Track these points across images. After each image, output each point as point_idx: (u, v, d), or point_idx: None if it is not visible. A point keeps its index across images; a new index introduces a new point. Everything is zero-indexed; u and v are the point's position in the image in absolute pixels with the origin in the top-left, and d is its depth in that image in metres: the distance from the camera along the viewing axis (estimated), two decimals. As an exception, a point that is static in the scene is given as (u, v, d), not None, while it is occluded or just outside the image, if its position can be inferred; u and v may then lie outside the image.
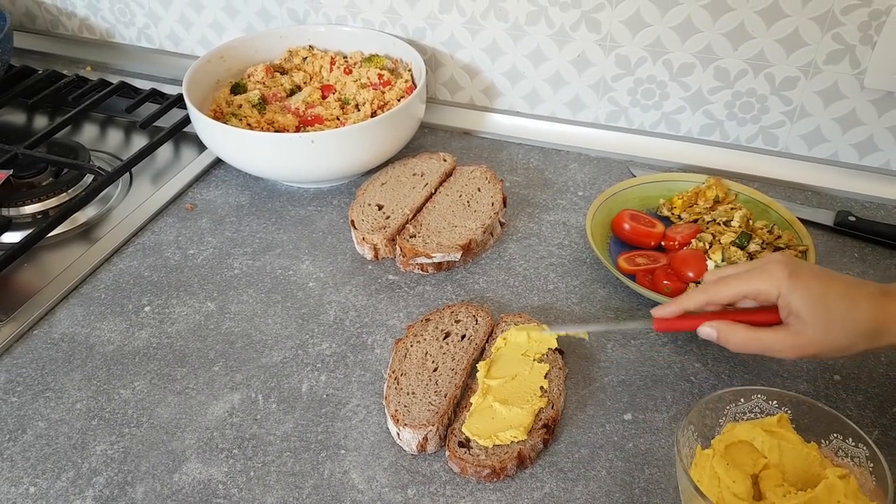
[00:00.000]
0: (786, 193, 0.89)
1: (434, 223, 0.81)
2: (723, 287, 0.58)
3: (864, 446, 0.50)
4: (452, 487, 0.60)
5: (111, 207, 0.90)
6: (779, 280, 0.55)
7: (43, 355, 0.71)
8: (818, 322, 0.54)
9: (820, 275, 0.56)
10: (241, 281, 0.79)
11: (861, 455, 0.50)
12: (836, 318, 0.54)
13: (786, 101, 0.89)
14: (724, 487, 0.49)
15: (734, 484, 0.49)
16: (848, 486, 0.48)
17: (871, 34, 0.82)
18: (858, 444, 0.50)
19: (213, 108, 0.93)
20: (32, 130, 1.05)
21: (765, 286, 0.56)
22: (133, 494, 0.60)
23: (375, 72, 0.95)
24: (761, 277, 0.56)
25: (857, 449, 0.50)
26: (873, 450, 0.49)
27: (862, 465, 0.50)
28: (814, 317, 0.54)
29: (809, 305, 0.54)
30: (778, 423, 0.53)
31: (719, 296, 0.58)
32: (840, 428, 0.52)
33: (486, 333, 0.70)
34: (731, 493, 0.49)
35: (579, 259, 0.81)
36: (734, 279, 0.58)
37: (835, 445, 0.52)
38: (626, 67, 0.93)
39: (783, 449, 0.52)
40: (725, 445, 0.52)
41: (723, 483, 0.50)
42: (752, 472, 0.51)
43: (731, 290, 0.58)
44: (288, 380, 0.68)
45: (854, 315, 0.54)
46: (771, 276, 0.56)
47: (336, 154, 0.84)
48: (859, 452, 0.50)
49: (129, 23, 1.16)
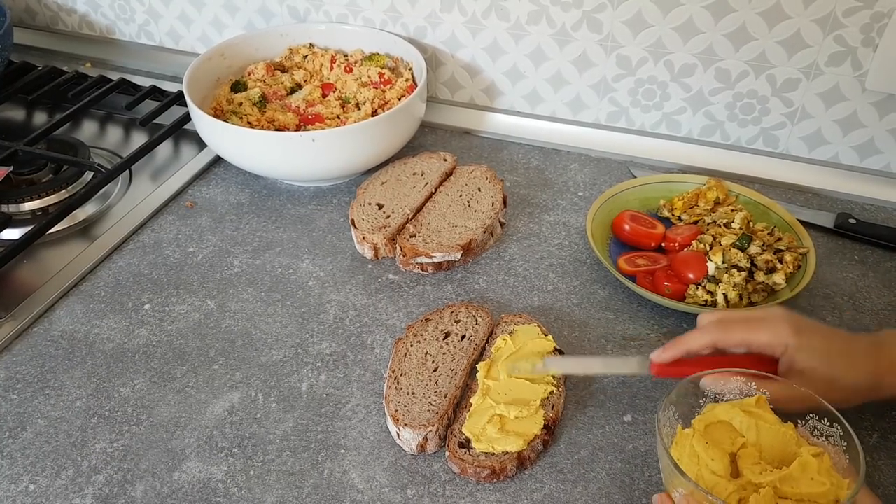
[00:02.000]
0: (786, 195, 0.89)
1: (434, 223, 0.81)
2: (727, 333, 0.58)
3: (837, 426, 0.51)
4: (452, 488, 0.60)
5: (111, 205, 0.90)
6: (785, 337, 0.57)
7: (42, 353, 0.71)
8: (821, 380, 0.56)
9: (822, 332, 0.58)
10: (241, 279, 0.79)
11: (835, 434, 0.52)
12: (837, 376, 0.56)
13: (787, 103, 0.89)
14: (702, 465, 0.51)
15: (713, 462, 0.50)
16: (821, 464, 0.50)
17: (872, 36, 0.82)
18: (833, 423, 0.52)
19: (214, 105, 0.93)
20: (32, 127, 1.04)
21: (772, 341, 0.57)
22: (133, 493, 0.60)
23: (376, 70, 0.95)
24: (768, 332, 0.57)
25: (831, 428, 0.52)
26: (847, 429, 0.51)
27: (836, 445, 0.51)
28: (817, 375, 0.56)
29: (814, 364, 0.56)
30: (756, 404, 0.55)
31: (724, 341, 0.59)
32: (815, 408, 0.53)
33: (486, 334, 0.70)
34: (709, 471, 0.50)
35: (579, 260, 0.81)
36: (739, 327, 0.58)
37: (811, 425, 0.53)
38: (628, 68, 0.93)
39: (760, 428, 0.53)
40: (705, 425, 0.54)
41: (702, 461, 0.51)
42: (730, 450, 0.52)
43: (735, 337, 0.58)
44: (288, 379, 0.68)
45: (854, 372, 0.57)
46: (777, 332, 0.57)
47: (336, 153, 0.84)
48: (833, 432, 0.52)
49: (130, 19, 1.15)
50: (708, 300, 0.72)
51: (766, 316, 0.59)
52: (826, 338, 0.58)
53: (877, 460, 0.61)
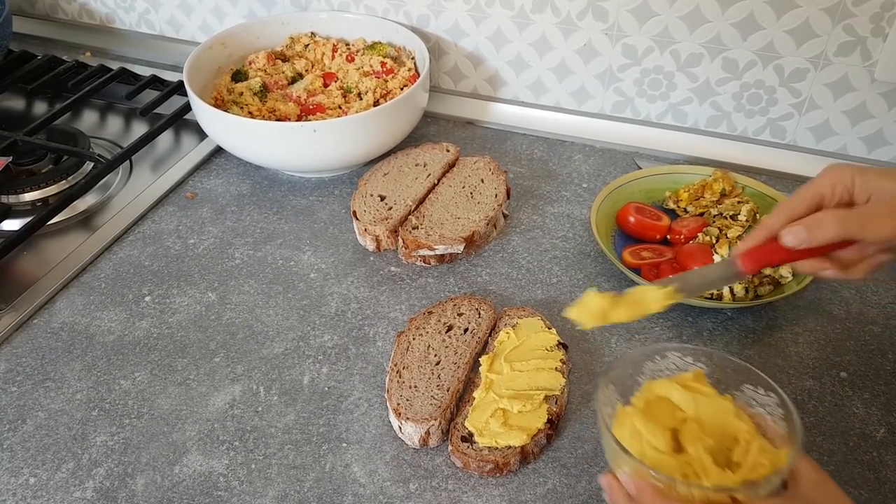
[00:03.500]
0: (793, 187, 0.88)
1: (437, 215, 0.80)
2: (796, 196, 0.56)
3: (773, 394, 0.52)
4: (455, 482, 0.59)
5: (111, 195, 0.89)
6: (848, 172, 0.54)
7: (43, 345, 0.71)
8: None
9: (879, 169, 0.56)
10: (243, 271, 0.78)
11: (771, 403, 0.52)
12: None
13: (794, 93, 0.88)
14: (644, 443, 0.50)
15: (654, 438, 0.50)
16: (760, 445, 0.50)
17: (882, 26, 0.81)
18: (769, 392, 0.52)
19: (214, 95, 0.92)
20: (32, 117, 1.04)
21: (833, 180, 0.55)
22: (133, 486, 0.59)
23: (378, 59, 0.94)
24: (828, 175, 0.55)
25: (766, 397, 0.52)
26: (782, 397, 0.51)
27: (773, 413, 0.52)
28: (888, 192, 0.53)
29: (886, 178, 0.54)
30: (694, 378, 0.54)
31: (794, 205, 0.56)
32: (751, 378, 0.53)
33: (488, 327, 0.69)
34: (651, 448, 0.50)
35: (583, 252, 0.80)
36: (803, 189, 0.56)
37: (747, 396, 0.53)
38: (633, 57, 0.92)
39: (699, 402, 0.53)
40: (645, 402, 0.53)
41: (644, 438, 0.50)
42: (671, 426, 0.52)
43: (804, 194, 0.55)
44: (289, 372, 0.68)
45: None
46: (838, 172, 0.55)
47: (338, 143, 0.83)
48: (769, 400, 0.52)
49: (130, 8, 1.14)
50: (714, 293, 0.71)
51: (822, 171, 0.56)
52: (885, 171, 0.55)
53: (884, 455, 0.61)
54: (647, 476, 0.47)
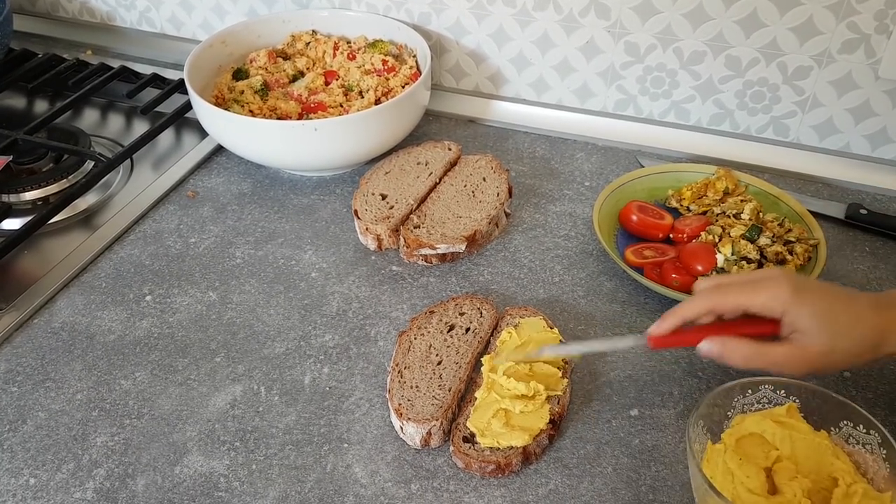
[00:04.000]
0: (796, 185, 0.88)
1: (438, 213, 0.80)
2: (724, 297, 0.56)
3: (875, 432, 0.49)
4: (456, 483, 0.59)
5: (112, 194, 0.89)
6: (784, 297, 0.54)
7: (43, 344, 0.70)
8: (824, 337, 0.54)
9: (822, 290, 0.56)
10: (244, 270, 0.78)
11: (873, 441, 0.49)
12: (841, 333, 0.54)
13: (798, 91, 0.88)
14: (738, 483, 0.48)
15: (748, 479, 0.48)
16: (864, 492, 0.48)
17: (887, 23, 0.80)
18: (870, 430, 0.49)
19: (215, 93, 0.92)
20: (32, 115, 1.03)
21: (770, 302, 0.54)
22: (134, 487, 0.59)
23: (379, 57, 0.94)
24: (766, 293, 0.55)
25: (868, 436, 0.50)
26: (885, 435, 0.48)
27: (874, 452, 0.49)
28: (820, 333, 0.54)
29: (816, 322, 0.54)
30: (787, 413, 0.53)
31: (721, 305, 0.56)
32: (850, 415, 0.51)
33: (490, 326, 0.69)
34: (745, 489, 0.48)
35: (586, 251, 0.80)
36: (735, 290, 0.56)
37: (845, 433, 0.51)
38: (636, 55, 0.91)
39: (794, 439, 0.51)
40: (736, 439, 0.51)
41: (736, 478, 0.49)
42: (764, 465, 0.50)
43: (733, 300, 0.56)
44: (290, 372, 0.68)
45: (858, 329, 0.54)
46: (775, 293, 0.54)
47: (339, 142, 0.83)
48: (871, 439, 0.49)
49: (130, 6, 1.14)
50: (716, 293, 0.70)
51: (763, 277, 0.56)
52: (826, 296, 0.55)
53: (888, 456, 0.61)
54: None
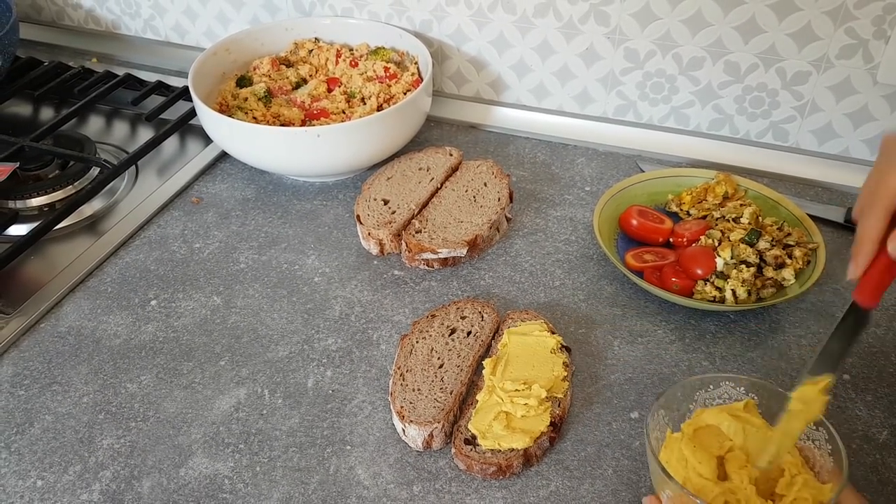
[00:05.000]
0: (796, 190, 0.89)
1: (440, 218, 0.81)
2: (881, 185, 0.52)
3: (823, 429, 0.53)
4: (458, 485, 0.60)
5: (117, 200, 0.90)
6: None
7: (50, 349, 0.71)
8: None
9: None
10: (247, 275, 0.79)
11: (821, 438, 0.53)
12: None
13: (797, 96, 0.88)
14: (690, 468, 0.51)
15: (700, 465, 0.51)
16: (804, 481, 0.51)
17: (884, 28, 0.81)
18: (818, 427, 0.53)
19: (219, 100, 0.93)
20: (38, 122, 1.05)
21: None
22: (139, 489, 0.60)
23: (381, 65, 0.95)
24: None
25: (816, 432, 0.53)
26: (831, 432, 0.52)
27: (821, 448, 0.53)
28: None
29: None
30: (745, 408, 0.55)
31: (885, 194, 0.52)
32: None
33: (491, 330, 0.70)
34: (696, 474, 0.51)
35: (586, 255, 0.80)
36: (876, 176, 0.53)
37: None
38: (635, 61, 0.92)
39: (748, 432, 0.54)
40: (694, 429, 0.54)
41: (689, 464, 0.52)
42: (717, 453, 0.53)
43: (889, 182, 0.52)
44: (294, 375, 0.68)
45: None
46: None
47: (342, 148, 0.84)
48: (819, 435, 0.53)
49: (135, 14, 1.15)
50: (716, 296, 0.71)
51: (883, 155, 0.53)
52: None
53: (887, 458, 0.61)
54: (689, 501, 0.48)
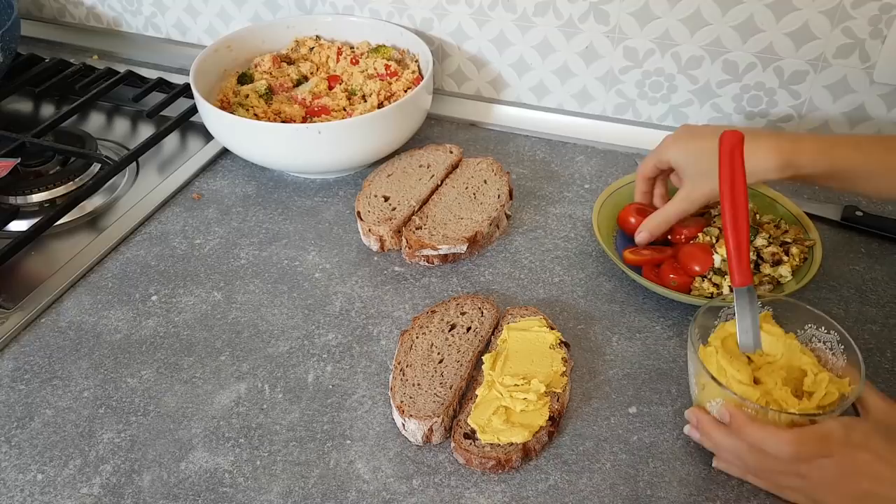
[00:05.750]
0: (792, 188, 0.89)
1: (440, 215, 0.81)
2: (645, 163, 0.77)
3: (834, 332, 0.60)
4: (457, 478, 0.60)
5: (118, 196, 0.90)
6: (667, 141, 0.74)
7: (50, 343, 0.72)
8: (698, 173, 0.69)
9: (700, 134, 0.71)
10: (248, 271, 0.79)
11: (832, 339, 0.60)
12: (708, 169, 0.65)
13: (794, 95, 0.89)
14: (729, 376, 0.57)
15: (738, 372, 0.57)
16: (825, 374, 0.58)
17: (881, 28, 0.81)
18: (830, 330, 0.60)
19: (220, 97, 0.93)
20: (40, 119, 1.05)
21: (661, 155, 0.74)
22: (140, 482, 0.60)
23: (382, 62, 0.95)
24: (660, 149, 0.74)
25: (828, 335, 0.60)
26: (842, 333, 0.59)
27: (833, 348, 0.60)
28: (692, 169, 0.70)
29: (684, 160, 0.71)
30: (763, 319, 0.61)
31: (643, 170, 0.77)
32: (813, 319, 0.61)
33: (491, 326, 0.70)
34: (736, 381, 0.56)
35: (585, 252, 0.81)
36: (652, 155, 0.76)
37: (808, 334, 0.61)
38: (635, 60, 0.93)
39: (768, 340, 0.60)
40: (721, 339, 0.60)
41: (728, 372, 0.57)
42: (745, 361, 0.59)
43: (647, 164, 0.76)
44: (294, 370, 0.69)
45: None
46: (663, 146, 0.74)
47: (342, 145, 0.84)
48: (830, 338, 0.60)
49: (136, 11, 1.15)
50: (714, 292, 0.71)
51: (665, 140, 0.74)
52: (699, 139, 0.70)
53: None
54: (741, 405, 0.54)
